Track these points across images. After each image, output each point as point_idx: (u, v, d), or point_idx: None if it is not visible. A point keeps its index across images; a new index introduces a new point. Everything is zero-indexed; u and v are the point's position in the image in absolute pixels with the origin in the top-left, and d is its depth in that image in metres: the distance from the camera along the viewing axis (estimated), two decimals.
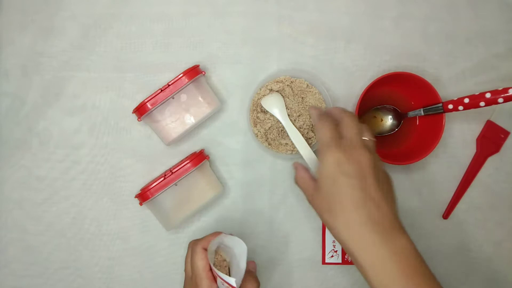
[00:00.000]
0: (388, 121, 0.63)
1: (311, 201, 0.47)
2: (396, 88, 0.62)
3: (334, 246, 0.63)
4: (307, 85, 0.61)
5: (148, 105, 0.57)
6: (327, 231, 0.63)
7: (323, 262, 0.63)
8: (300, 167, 0.51)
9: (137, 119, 0.59)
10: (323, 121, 0.49)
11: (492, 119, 0.64)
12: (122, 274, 0.63)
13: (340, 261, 0.63)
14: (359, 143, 0.45)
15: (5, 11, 0.64)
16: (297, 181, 0.51)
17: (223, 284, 0.47)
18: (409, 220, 0.63)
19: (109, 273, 0.63)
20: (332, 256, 0.63)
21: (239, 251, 0.49)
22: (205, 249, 0.50)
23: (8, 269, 0.62)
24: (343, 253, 0.63)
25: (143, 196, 0.57)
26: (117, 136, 0.63)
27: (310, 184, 0.48)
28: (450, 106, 0.56)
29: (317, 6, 0.64)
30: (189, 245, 0.53)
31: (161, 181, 0.57)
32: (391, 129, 0.63)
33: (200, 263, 0.49)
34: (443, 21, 0.64)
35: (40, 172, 0.63)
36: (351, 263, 0.63)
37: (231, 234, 0.51)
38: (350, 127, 0.47)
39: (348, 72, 0.64)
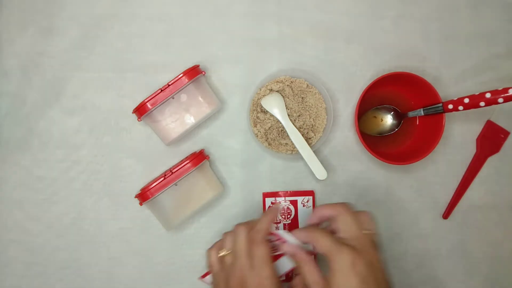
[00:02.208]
0: (388, 121, 0.63)
1: None
2: (396, 88, 0.62)
3: None
4: (307, 85, 0.61)
5: (148, 105, 0.57)
6: None
7: None
8: (310, 261, 0.46)
9: (137, 119, 0.59)
10: (314, 232, 0.46)
11: (492, 119, 0.64)
12: (122, 274, 0.63)
13: None
14: (366, 241, 0.45)
15: (5, 11, 0.64)
16: (306, 275, 0.45)
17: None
18: (409, 220, 0.64)
19: (109, 273, 0.63)
20: None
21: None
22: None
23: (8, 269, 0.62)
24: None
25: (143, 196, 0.57)
26: (117, 136, 0.63)
27: (320, 281, 0.44)
28: (450, 106, 0.56)
29: (317, 6, 0.64)
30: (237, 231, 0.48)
31: (161, 181, 0.57)
32: (391, 129, 0.63)
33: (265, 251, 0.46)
34: (443, 21, 0.65)
35: (40, 172, 0.63)
36: None
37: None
38: (348, 224, 0.45)
39: (348, 72, 0.64)
